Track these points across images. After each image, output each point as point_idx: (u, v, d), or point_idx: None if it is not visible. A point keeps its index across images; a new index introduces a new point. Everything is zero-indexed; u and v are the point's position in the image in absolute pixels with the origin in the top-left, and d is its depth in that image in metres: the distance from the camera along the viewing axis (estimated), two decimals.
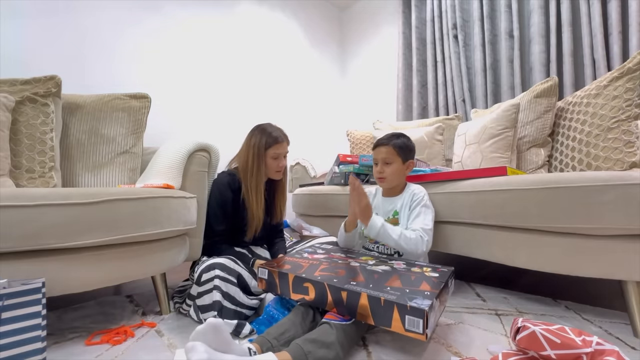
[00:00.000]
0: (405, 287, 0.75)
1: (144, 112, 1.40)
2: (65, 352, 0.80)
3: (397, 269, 0.89)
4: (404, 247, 0.99)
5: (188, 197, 1.08)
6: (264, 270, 0.91)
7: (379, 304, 0.70)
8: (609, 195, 0.77)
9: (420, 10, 2.59)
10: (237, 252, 1.11)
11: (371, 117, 2.65)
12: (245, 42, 2.60)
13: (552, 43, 1.86)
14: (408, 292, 0.73)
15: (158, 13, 2.16)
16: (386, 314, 0.69)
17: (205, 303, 0.90)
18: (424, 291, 0.74)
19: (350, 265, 0.92)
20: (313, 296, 0.82)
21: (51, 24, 1.76)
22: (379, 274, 0.84)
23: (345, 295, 0.75)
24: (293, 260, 0.96)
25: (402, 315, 0.67)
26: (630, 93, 1.09)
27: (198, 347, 0.59)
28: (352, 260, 0.97)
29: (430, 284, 0.78)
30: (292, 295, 0.86)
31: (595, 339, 0.58)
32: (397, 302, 0.68)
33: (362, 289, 0.74)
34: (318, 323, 0.77)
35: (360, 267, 0.90)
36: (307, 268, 0.89)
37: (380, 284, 0.78)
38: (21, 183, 1.09)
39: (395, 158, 1.08)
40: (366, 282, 0.78)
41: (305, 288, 0.83)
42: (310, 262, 0.94)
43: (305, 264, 0.93)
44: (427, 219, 1.05)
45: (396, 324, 0.68)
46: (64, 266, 0.79)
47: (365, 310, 0.72)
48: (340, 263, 0.94)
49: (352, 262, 0.95)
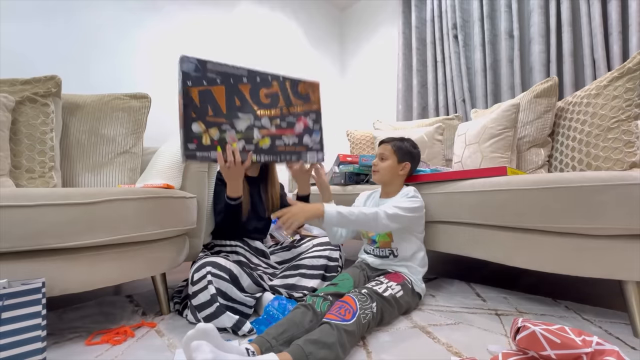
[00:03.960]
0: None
1: (144, 112, 1.40)
2: (65, 352, 0.80)
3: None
4: (362, 225, 0.98)
5: (188, 197, 1.08)
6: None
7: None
8: (609, 195, 0.77)
9: (420, 10, 2.59)
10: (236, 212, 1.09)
11: (371, 117, 2.65)
12: (245, 42, 2.60)
13: (552, 43, 1.86)
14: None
15: (158, 13, 2.16)
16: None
17: (200, 302, 0.90)
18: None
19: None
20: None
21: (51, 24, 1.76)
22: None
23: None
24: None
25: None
26: (630, 93, 1.09)
27: (203, 347, 0.58)
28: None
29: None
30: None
31: (595, 339, 0.58)
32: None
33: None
34: (317, 323, 0.78)
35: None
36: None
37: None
38: (21, 183, 1.09)
39: (390, 155, 1.12)
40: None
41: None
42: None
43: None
44: (403, 202, 1.04)
45: None
46: (64, 266, 0.79)
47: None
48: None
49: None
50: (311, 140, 1.04)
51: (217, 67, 0.90)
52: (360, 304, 0.81)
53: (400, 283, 0.97)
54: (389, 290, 0.92)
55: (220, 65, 0.91)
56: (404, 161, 1.12)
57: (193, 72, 0.87)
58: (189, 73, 0.86)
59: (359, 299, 0.83)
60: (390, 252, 1.07)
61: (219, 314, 0.87)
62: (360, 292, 0.87)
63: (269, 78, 0.98)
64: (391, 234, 1.06)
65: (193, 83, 0.86)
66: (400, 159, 1.11)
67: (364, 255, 1.16)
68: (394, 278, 0.98)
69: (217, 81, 0.90)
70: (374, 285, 0.92)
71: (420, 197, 1.10)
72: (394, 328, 0.90)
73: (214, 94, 0.89)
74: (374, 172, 1.14)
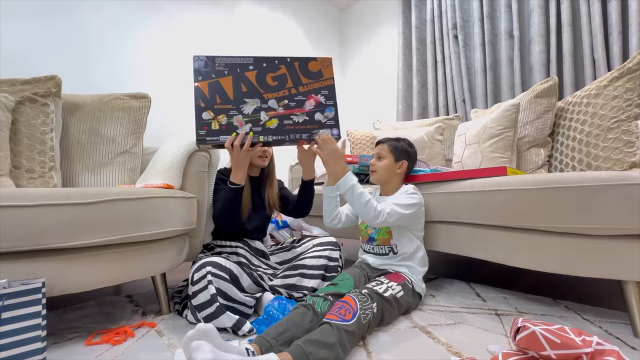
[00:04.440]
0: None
1: (144, 112, 1.40)
2: (65, 352, 0.80)
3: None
4: (365, 210, 0.97)
5: (188, 197, 1.08)
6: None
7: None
8: (609, 195, 0.77)
9: (420, 10, 2.59)
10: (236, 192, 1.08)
11: (371, 117, 2.65)
12: (245, 42, 2.60)
13: (552, 43, 1.86)
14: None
15: (158, 13, 2.16)
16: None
17: (200, 301, 0.90)
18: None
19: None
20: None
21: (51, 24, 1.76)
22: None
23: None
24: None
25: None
26: (630, 93, 1.09)
27: (203, 347, 0.58)
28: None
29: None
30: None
31: (595, 339, 0.58)
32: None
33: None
34: (317, 323, 0.78)
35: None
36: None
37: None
38: (21, 183, 1.09)
39: (387, 155, 1.12)
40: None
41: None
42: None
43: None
44: (402, 199, 1.05)
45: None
46: (64, 266, 0.79)
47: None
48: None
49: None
50: (324, 117, 1.03)
51: (224, 60, 0.98)
52: (360, 304, 0.81)
53: (401, 283, 0.97)
54: (389, 291, 0.92)
55: (227, 58, 0.98)
56: (400, 160, 1.12)
57: (203, 69, 0.96)
58: (199, 70, 0.96)
59: (359, 299, 0.83)
60: (390, 249, 1.07)
61: (219, 314, 0.87)
62: (360, 292, 0.87)
63: (276, 62, 1.01)
64: (390, 231, 1.07)
65: (203, 78, 0.96)
66: (397, 157, 1.12)
67: (364, 255, 1.16)
68: (394, 278, 0.99)
69: (225, 72, 0.97)
70: (374, 286, 0.92)
71: (420, 195, 1.10)
72: (394, 328, 0.90)
73: (222, 84, 0.97)
74: (371, 171, 1.15)
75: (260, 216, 1.25)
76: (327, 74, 1.06)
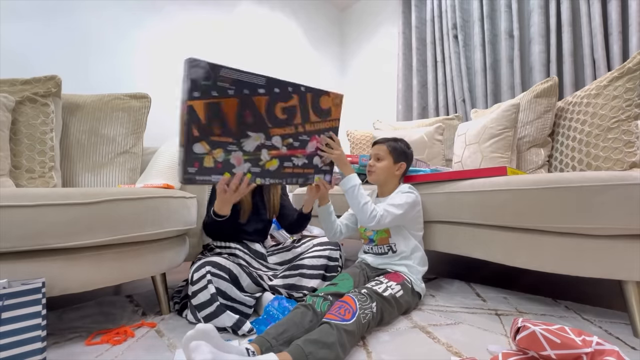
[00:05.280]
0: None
1: (144, 112, 1.40)
2: (65, 352, 0.80)
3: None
4: (359, 215, 1.01)
5: (188, 197, 1.08)
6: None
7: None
8: (609, 195, 0.77)
9: (420, 10, 2.59)
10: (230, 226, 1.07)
11: (371, 117, 2.65)
12: (245, 42, 2.60)
13: (552, 43, 1.86)
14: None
15: (158, 13, 2.16)
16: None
17: (200, 301, 0.90)
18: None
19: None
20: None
21: (51, 24, 1.76)
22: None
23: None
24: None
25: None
26: (630, 93, 1.09)
27: (202, 347, 0.58)
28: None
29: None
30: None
31: (595, 339, 0.58)
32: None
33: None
34: (317, 323, 0.78)
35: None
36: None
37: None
38: (21, 183, 1.09)
39: (386, 156, 1.12)
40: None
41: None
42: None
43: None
44: (397, 198, 1.05)
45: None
46: (64, 266, 0.79)
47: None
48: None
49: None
50: (321, 161, 0.97)
51: (231, 74, 0.76)
52: (360, 304, 0.81)
53: (400, 283, 0.97)
54: (388, 290, 0.92)
55: (235, 72, 0.76)
56: (399, 161, 1.12)
57: (202, 81, 0.72)
58: (198, 81, 0.72)
59: (359, 299, 0.83)
60: (389, 247, 1.07)
61: (219, 314, 0.87)
62: (360, 292, 0.87)
63: (289, 89, 0.86)
64: (388, 230, 1.07)
65: (201, 94, 0.73)
66: (396, 159, 1.12)
67: (363, 255, 1.16)
68: (393, 278, 0.99)
69: (230, 92, 0.76)
70: (373, 285, 0.92)
71: (417, 193, 1.10)
72: (394, 328, 0.90)
73: (223, 108, 0.76)
74: (369, 172, 1.14)
75: (261, 219, 1.23)
76: (336, 113, 0.96)
